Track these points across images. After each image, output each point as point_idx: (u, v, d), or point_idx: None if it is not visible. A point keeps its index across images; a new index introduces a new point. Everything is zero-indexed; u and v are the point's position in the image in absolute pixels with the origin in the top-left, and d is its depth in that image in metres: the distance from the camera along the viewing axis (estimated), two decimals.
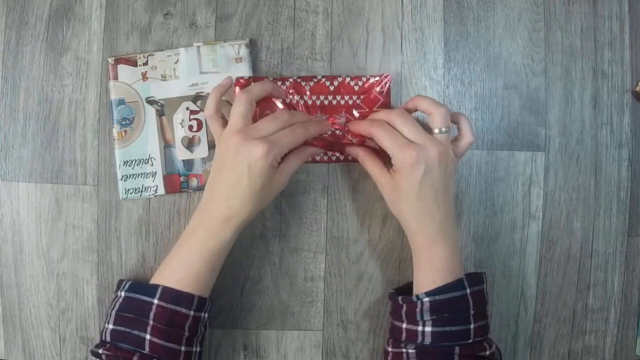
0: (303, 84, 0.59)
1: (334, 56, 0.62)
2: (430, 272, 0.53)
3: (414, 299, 0.53)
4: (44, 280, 0.61)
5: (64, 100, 0.61)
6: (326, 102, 0.59)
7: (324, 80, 0.59)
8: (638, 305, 0.65)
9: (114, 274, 0.61)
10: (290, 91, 0.59)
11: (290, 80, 0.59)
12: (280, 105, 0.59)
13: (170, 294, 0.52)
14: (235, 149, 0.50)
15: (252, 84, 0.56)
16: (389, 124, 0.54)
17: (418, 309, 0.53)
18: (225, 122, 0.54)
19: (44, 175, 0.61)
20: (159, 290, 0.52)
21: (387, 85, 0.60)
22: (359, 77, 0.60)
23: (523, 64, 0.63)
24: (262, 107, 0.58)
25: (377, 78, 0.60)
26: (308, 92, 0.59)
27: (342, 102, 0.59)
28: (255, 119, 0.54)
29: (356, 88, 0.60)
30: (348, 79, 0.59)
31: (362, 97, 0.59)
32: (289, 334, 0.63)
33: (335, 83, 0.59)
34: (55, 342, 0.62)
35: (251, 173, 0.50)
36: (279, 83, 0.59)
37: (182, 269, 0.53)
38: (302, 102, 0.59)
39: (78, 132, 0.61)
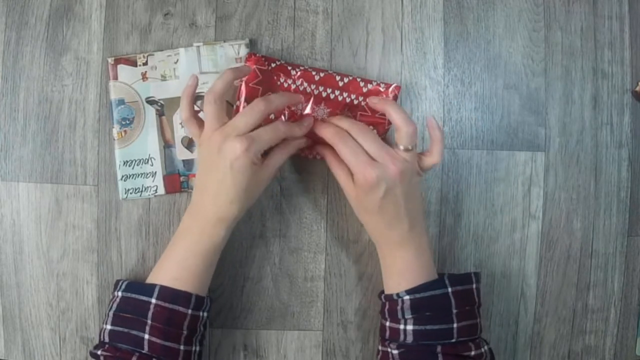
0: (314, 73, 0.59)
1: (334, 56, 0.62)
2: (395, 276, 0.54)
3: (395, 296, 0.53)
4: (44, 280, 0.61)
5: (64, 100, 0.61)
6: (332, 97, 0.59)
7: (335, 74, 0.59)
8: (638, 305, 0.65)
9: (114, 274, 0.61)
10: (299, 79, 0.58)
11: (302, 68, 0.59)
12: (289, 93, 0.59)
13: (168, 293, 0.52)
14: (217, 149, 0.50)
15: (218, 81, 0.53)
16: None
17: (399, 307, 0.53)
18: (201, 123, 0.54)
19: (44, 175, 0.61)
20: (157, 290, 0.52)
21: (394, 95, 0.59)
22: (370, 81, 0.59)
23: (523, 64, 0.63)
24: (264, 89, 0.57)
25: (385, 86, 0.59)
26: (317, 82, 0.59)
27: (348, 99, 0.59)
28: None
29: (364, 90, 0.59)
30: (359, 80, 0.59)
31: (367, 100, 0.59)
32: (289, 334, 0.63)
33: (345, 80, 0.59)
34: (55, 342, 0.62)
35: (233, 172, 0.50)
36: (289, 68, 0.58)
37: (178, 268, 0.53)
38: (308, 90, 0.58)
39: (78, 132, 0.61)
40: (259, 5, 0.61)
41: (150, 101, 0.60)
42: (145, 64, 0.60)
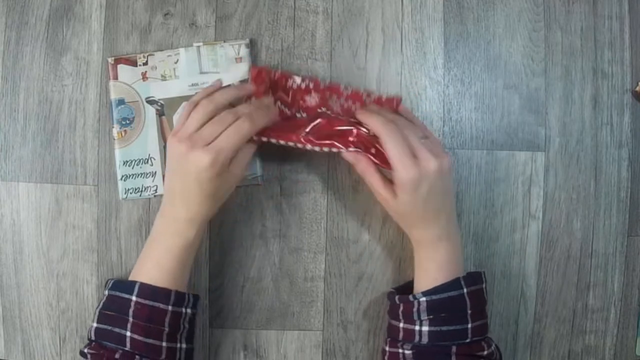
0: (319, 80, 0.59)
1: (334, 56, 0.62)
2: (433, 271, 0.54)
3: (411, 298, 0.53)
4: (44, 280, 0.61)
5: (64, 100, 0.61)
6: (335, 103, 0.59)
7: (340, 84, 0.59)
8: (638, 305, 0.65)
9: (114, 274, 0.61)
10: (305, 81, 0.58)
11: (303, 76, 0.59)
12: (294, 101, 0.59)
13: (148, 290, 0.52)
14: (184, 158, 0.50)
15: (219, 92, 0.55)
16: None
17: (415, 309, 0.53)
18: None
19: (44, 175, 0.61)
20: (137, 287, 0.52)
21: (396, 106, 0.58)
22: (371, 91, 0.60)
23: (523, 64, 0.63)
24: (274, 90, 0.58)
25: (387, 98, 0.58)
26: (322, 86, 0.59)
27: (353, 107, 0.59)
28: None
29: (367, 101, 0.59)
30: (362, 89, 0.59)
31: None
32: (289, 334, 0.63)
33: (349, 89, 0.59)
34: (55, 342, 0.62)
35: (200, 181, 0.51)
36: (295, 77, 0.59)
37: (154, 269, 0.53)
38: (314, 90, 0.58)
39: (78, 132, 0.61)
40: (259, 5, 0.61)
41: (150, 101, 0.60)
42: (146, 63, 0.60)
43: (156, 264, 0.54)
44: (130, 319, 0.51)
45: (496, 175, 0.63)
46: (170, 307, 0.52)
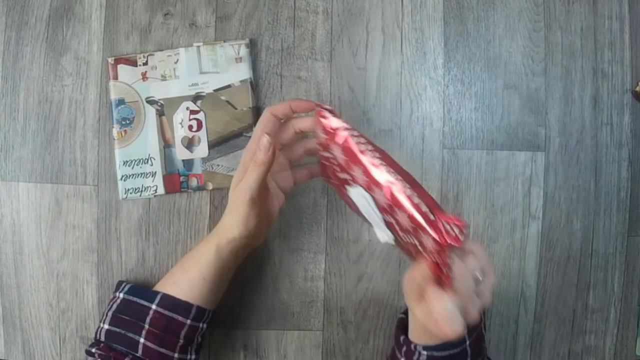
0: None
1: (334, 56, 0.62)
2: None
3: (412, 348, 0.50)
4: (44, 280, 0.61)
5: (64, 100, 0.61)
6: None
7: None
8: (638, 305, 0.65)
9: (114, 274, 0.61)
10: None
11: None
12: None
13: (169, 301, 0.52)
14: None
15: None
16: None
17: (415, 357, 0.49)
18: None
19: (44, 175, 0.61)
20: (159, 297, 0.52)
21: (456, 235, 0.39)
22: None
23: (523, 64, 0.63)
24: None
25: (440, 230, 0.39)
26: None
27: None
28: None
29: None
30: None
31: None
32: (289, 334, 0.63)
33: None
34: (55, 342, 0.62)
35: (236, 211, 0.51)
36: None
37: (178, 270, 0.55)
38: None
39: (78, 132, 0.61)
40: (259, 5, 0.61)
41: (150, 101, 0.60)
42: (146, 63, 0.60)
43: (180, 268, 0.55)
44: (146, 326, 0.51)
45: (496, 175, 0.63)
46: (188, 321, 0.52)
